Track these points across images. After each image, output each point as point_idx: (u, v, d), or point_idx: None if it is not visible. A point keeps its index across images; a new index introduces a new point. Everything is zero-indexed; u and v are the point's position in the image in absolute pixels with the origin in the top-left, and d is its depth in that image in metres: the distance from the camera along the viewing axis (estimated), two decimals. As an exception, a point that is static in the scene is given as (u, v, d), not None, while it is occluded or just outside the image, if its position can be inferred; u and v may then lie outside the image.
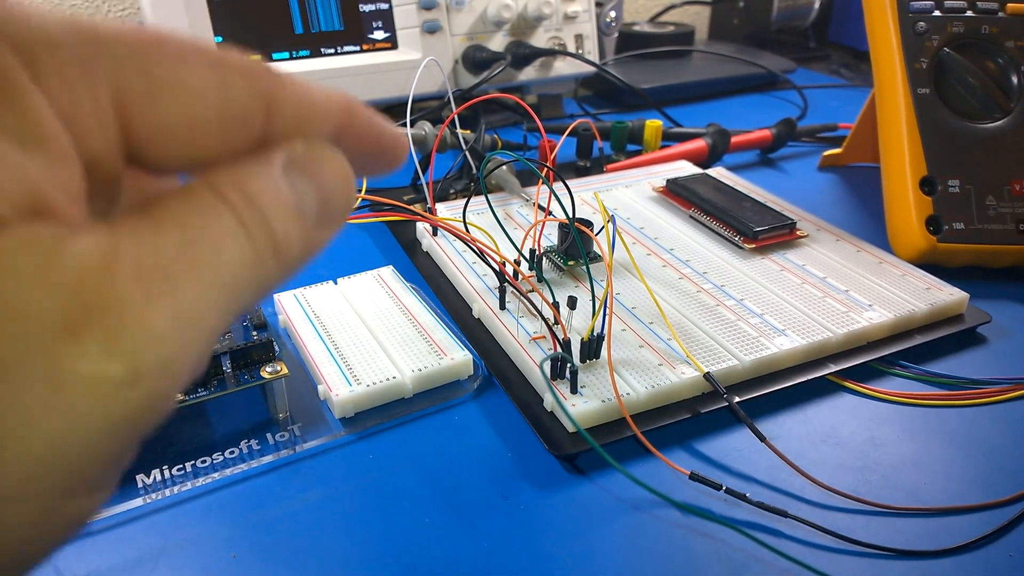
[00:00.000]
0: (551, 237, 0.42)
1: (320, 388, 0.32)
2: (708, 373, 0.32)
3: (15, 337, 0.10)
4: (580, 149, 0.56)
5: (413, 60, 0.58)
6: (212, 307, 0.12)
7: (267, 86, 0.13)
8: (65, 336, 0.10)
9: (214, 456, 0.29)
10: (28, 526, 0.11)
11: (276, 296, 0.37)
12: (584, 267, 0.39)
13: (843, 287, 0.38)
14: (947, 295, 0.38)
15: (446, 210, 0.45)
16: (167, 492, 0.28)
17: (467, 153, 0.49)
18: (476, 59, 0.60)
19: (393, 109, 0.63)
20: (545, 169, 0.43)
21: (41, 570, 0.25)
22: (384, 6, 0.57)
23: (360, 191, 0.47)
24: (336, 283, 0.38)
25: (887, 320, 0.36)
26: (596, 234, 0.38)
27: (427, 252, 0.44)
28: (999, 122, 0.44)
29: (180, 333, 0.11)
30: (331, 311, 0.36)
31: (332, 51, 0.56)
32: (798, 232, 0.43)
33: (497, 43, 0.61)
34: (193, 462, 0.29)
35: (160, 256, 0.11)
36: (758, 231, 0.41)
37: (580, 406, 0.30)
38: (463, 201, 0.41)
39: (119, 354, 0.10)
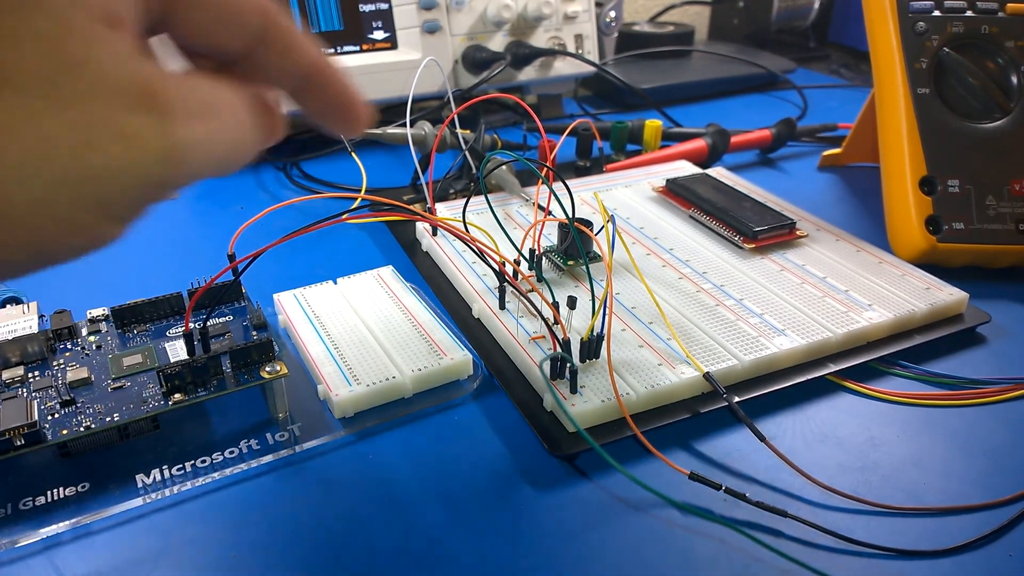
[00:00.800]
0: (551, 237, 0.42)
1: (320, 388, 0.32)
2: (708, 373, 0.32)
3: (101, 97, 0.15)
4: (580, 149, 0.56)
5: (413, 60, 0.58)
6: (221, 146, 0.17)
7: (267, 22, 0.19)
8: (135, 105, 0.15)
9: (214, 456, 0.29)
10: (58, 223, 0.15)
11: (276, 296, 0.37)
12: (584, 267, 0.39)
13: (843, 287, 0.38)
14: (947, 295, 0.38)
15: (446, 210, 0.45)
16: (167, 492, 0.28)
17: (467, 153, 0.49)
18: (476, 59, 0.60)
19: (393, 109, 0.63)
20: (545, 169, 0.43)
21: (41, 570, 0.25)
22: (384, 6, 0.57)
23: (360, 191, 0.47)
24: (336, 283, 0.38)
25: (887, 320, 0.36)
26: (596, 234, 0.38)
27: (427, 252, 0.44)
28: (999, 122, 0.44)
29: (201, 148, 0.17)
30: (331, 311, 0.36)
31: (332, 51, 0.56)
32: (798, 232, 0.43)
33: (497, 43, 0.61)
34: (193, 462, 0.29)
35: (203, 98, 0.17)
36: (758, 231, 0.41)
37: (580, 406, 0.30)
38: (463, 201, 0.41)
39: (164, 134, 0.16)
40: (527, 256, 0.38)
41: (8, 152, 0.14)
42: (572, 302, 0.33)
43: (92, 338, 0.32)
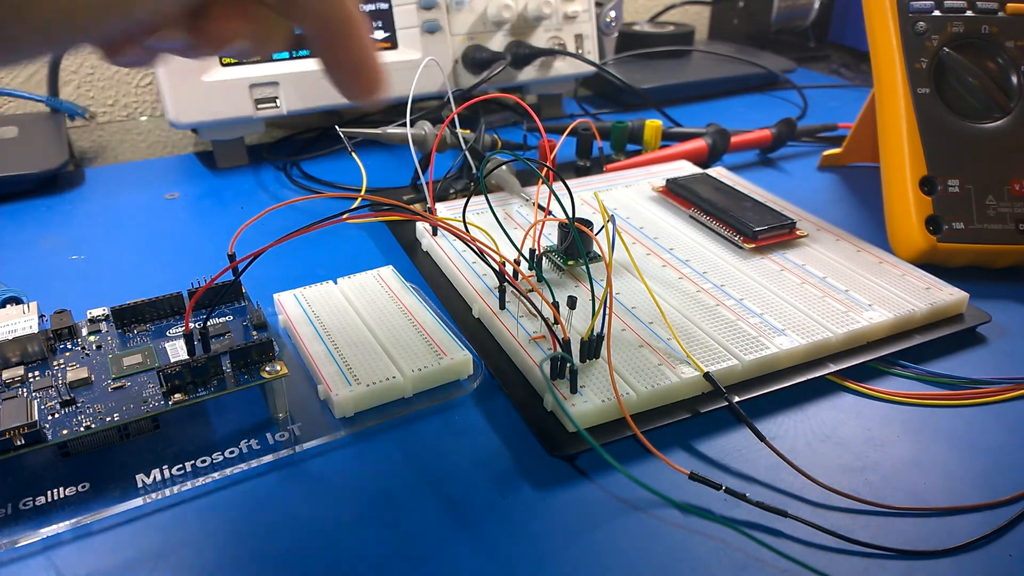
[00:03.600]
0: (551, 237, 0.42)
1: (320, 388, 0.32)
2: (708, 373, 0.32)
3: None
4: (580, 149, 0.56)
5: (413, 60, 0.58)
6: None
7: None
8: None
9: (214, 456, 0.29)
10: None
11: (276, 296, 0.37)
12: (584, 267, 0.39)
13: (843, 287, 0.38)
14: (947, 295, 0.38)
15: (446, 210, 0.45)
16: (167, 492, 0.28)
17: (467, 153, 0.49)
18: (476, 59, 0.60)
19: (393, 109, 0.63)
20: (545, 169, 0.43)
21: (41, 570, 0.25)
22: (384, 6, 0.57)
23: (360, 191, 0.47)
24: (336, 283, 0.38)
25: (887, 320, 0.36)
26: (596, 234, 0.38)
27: (427, 252, 0.44)
28: (999, 122, 0.44)
29: None
30: (331, 311, 0.36)
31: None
32: (798, 232, 0.43)
33: (497, 43, 0.61)
34: (193, 462, 0.29)
35: None
36: (758, 231, 0.41)
37: (580, 406, 0.30)
38: (463, 201, 0.41)
39: None
40: (527, 256, 0.38)
41: None
42: (572, 302, 0.33)
43: (92, 338, 0.32)
